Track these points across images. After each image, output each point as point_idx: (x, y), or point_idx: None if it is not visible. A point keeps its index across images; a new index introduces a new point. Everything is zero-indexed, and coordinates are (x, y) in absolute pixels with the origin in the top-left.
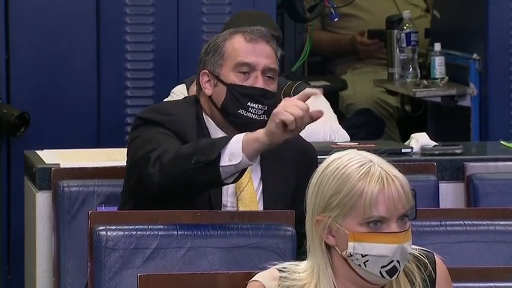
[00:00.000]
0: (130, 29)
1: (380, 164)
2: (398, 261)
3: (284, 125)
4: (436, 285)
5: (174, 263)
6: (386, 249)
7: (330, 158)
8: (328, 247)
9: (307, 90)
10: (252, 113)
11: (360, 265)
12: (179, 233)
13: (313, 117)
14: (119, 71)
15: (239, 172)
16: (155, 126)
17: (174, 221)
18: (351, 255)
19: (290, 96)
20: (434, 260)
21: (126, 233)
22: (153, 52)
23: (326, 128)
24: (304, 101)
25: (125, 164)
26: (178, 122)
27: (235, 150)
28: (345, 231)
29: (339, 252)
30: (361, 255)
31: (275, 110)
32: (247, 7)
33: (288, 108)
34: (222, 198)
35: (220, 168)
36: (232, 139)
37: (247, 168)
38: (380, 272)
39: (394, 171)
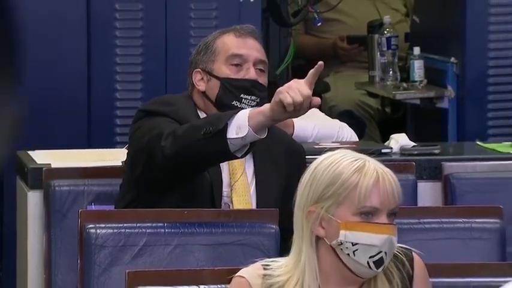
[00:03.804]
0: (120, 34)
1: (373, 161)
2: (385, 252)
3: (283, 104)
4: (413, 281)
5: (161, 259)
6: (376, 239)
7: (322, 156)
8: (316, 241)
9: (311, 72)
10: (245, 104)
11: (349, 254)
12: (166, 230)
13: (313, 105)
14: (108, 74)
15: (248, 146)
16: (159, 116)
17: (161, 219)
18: (341, 244)
19: None
20: (412, 257)
21: (115, 230)
22: (142, 56)
23: (336, 124)
24: (312, 83)
25: (121, 162)
26: (181, 112)
27: (241, 122)
28: (337, 221)
29: (328, 242)
30: (352, 243)
31: (280, 88)
32: (233, 13)
33: (291, 90)
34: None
35: (228, 141)
36: (239, 113)
37: (255, 142)
38: (368, 262)
39: (386, 169)
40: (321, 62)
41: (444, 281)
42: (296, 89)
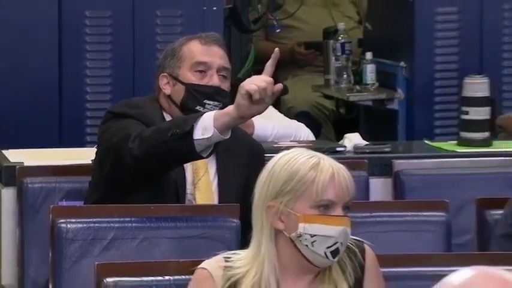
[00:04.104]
0: (90, 39)
1: (327, 158)
2: (341, 243)
3: (249, 96)
4: (365, 270)
5: (129, 252)
6: (333, 230)
7: (279, 155)
8: (275, 234)
9: (268, 64)
10: (208, 109)
11: (307, 245)
12: (133, 225)
13: (277, 89)
14: (79, 77)
15: (213, 146)
16: (126, 118)
17: (128, 214)
18: (300, 236)
19: None
20: (364, 249)
21: (84, 225)
22: (110, 60)
23: (294, 124)
24: (271, 71)
25: (90, 160)
26: (147, 114)
27: (207, 124)
28: (295, 214)
29: (287, 235)
30: (310, 235)
31: (242, 83)
32: (197, 20)
33: (253, 80)
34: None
35: (194, 141)
36: (205, 115)
37: (220, 142)
38: (325, 252)
39: (340, 165)
40: (277, 49)
41: (394, 271)
42: (258, 78)
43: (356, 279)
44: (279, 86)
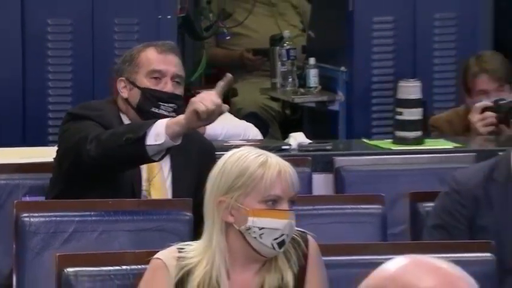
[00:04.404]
0: (52, 45)
1: (273, 156)
2: (287, 235)
3: (197, 113)
4: (308, 259)
5: (88, 244)
6: (279, 223)
7: (229, 153)
8: (226, 227)
9: (220, 83)
10: (163, 110)
11: (255, 237)
12: (93, 218)
13: (223, 111)
14: (41, 81)
15: (164, 151)
16: (85, 120)
17: (88, 208)
18: (249, 229)
19: None
20: (307, 239)
21: (46, 219)
22: (71, 65)
23: (243, 124)
24: (221, 93)
25: (52, 158)
26: (105, 117)
27: (159, 131)
28: (245, 209)
29: (237, 228)
30: (258, 228)
31: (193, 98)
32: (153, 28)
33: (204, 100)
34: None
35: (147, 147)
36: (158, 122)
37: (171, 147)
38: (272, 243)
39: (285, 162)
40: (230, 75)
41: (335, 259)
42: (208, 99)
43: (300, 267)
44: (225, 107)
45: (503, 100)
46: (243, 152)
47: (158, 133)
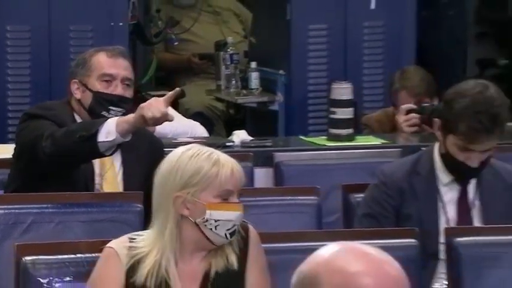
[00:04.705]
0: (11, 50)
1: (222, 154)
2: (237, 225)
3: (144, 117)
4: (249, 245)
5: (46, 234)
6: (232, 215)
7: (179, 150)
8: (179, 219)
9: (169, 94)
10: (113, 114)
11: (211, 229)
12: (50, 210)
13: (168, 120)
14: (1, 83)
15: (115, 146)
16: (41, 119)
17: (46, 201)
18: (207, 221)
19: None
20: (248, 228)
21: (6, 211)
22: (29, 68)
23: (191, 123)
24: (169, 103)
25: (11, 155)
26: (59, 116)
27: (110, 129)
28: (202, 203)
29: (192, 220)
30: (215, 220)
31: (143, 104)
32: (106, 34)
33: (151, 107)
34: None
35: (99, 143)
36: (109, 120)
37: (122, 143)
38: (225, 233)
39: (233, 159)
40: (179, 89)
41: (275, 246)
42: (156, 107)
43: (242, 251)
44: (171, 117)
45: (426, 103)
46: (194, 150)
47: (109, 131)
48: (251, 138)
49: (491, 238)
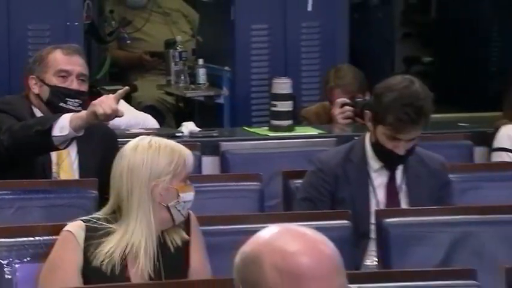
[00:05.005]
0: None
1: (178, 144)
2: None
3: (96, 114)
4: (190, 226)
5: (6, 219)
6: (192, 195)
7: (144, 142)
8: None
9: (119, 92)
10: (70, 105)
11: (179, 210)
12: (10, 196)
13: (118, 116)
14: None
15: (69, 140)
16: (1, 113)
17: (6, 187)
18: (178, 203)
19: None
20: (188, 213)
21: None
22: None
23: (143, 115)
24: (119, 100)
25: None
26: (17, 110)
27: (64, 124)
28: (175, 188)
29: (164, 204)
30: (184, 202)
31: (95, 101)
32: (62, 33)
33: (103, 104)
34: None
35: (53, 137)
36: (62, 116)
37: (75, 137)
38: (186, 212)
39: (186, 148)
40: (128, 88)
41: (220, 228)
42: (107, 104)
43: (186, 228)
44: (121, 113)
45: (359, 98)
46: (162, 141)
47: (63, 126)
48: (199, 129)
49: (417, 219)
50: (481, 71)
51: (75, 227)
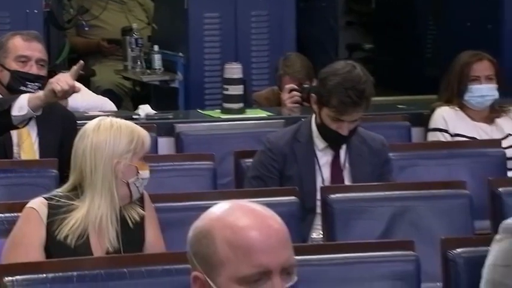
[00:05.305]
0: None
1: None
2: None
3: (54, 91)
4: (144, 203)
5: None
6: (148, 173)
7: (106, 122)
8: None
9: (74, 68)
10: (30, 88)
11: (138, 186)
12: None
13: (75, 91)
14: None
15: (27, 120)
16: None
17: None
18: (137, 180)
19: None
20: (142, 192)
21: None
22: None
23: (101, 99)
24: (74, 77)
25: None
26: None
27: (22, 104)
28: (135, 166)
29: (125, 181)
30: (142, 178)
31: (51, 79)
32: (22, 21)
33: (59, 81)
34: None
35: (13, 117)
36: (21, 96)
37: (33, 117)
38: (142, 189)
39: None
40: (81, 62)
41: (175, 205)
42: (64, 81)
43: (141, 205)
44: (78, 87)
45: (306, 85)
46: (121, 122)
47: (21, 106)
48: (155, 111)
49: (359, 194)
50: (417, 57)
51: (38, 204)
